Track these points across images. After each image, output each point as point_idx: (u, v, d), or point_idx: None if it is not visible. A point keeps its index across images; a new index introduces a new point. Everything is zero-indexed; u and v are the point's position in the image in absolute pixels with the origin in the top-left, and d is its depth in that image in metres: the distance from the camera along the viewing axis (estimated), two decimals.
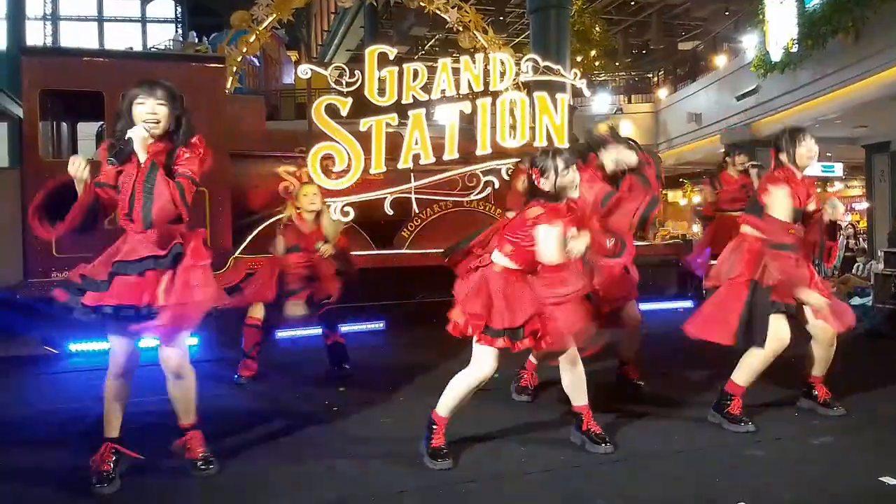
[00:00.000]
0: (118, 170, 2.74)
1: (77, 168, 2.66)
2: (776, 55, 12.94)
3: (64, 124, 6.80)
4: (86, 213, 2.74)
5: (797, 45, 12.29)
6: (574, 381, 3.17)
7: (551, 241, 2.85)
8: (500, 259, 3.02)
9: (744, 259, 3.43)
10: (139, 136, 2.69)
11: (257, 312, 4.64)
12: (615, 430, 3.43)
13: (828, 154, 15.95)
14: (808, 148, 3.44)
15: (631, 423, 3.55)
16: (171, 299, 2.69)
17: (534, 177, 2.99)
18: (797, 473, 2.88)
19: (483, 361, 3.00)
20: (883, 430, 3.40)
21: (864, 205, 15.83)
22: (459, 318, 2.98)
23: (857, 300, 7.00)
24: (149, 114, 2.72)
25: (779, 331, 3.36)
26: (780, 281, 3.30)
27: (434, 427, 3.03)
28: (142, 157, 2.69)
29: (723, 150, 12.59)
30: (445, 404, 3.05)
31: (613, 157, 3.75)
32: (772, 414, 3.59)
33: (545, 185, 2.96)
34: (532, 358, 4.01)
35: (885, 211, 14.17)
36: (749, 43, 15.62)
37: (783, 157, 3.48)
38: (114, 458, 2.81)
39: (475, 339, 2.98)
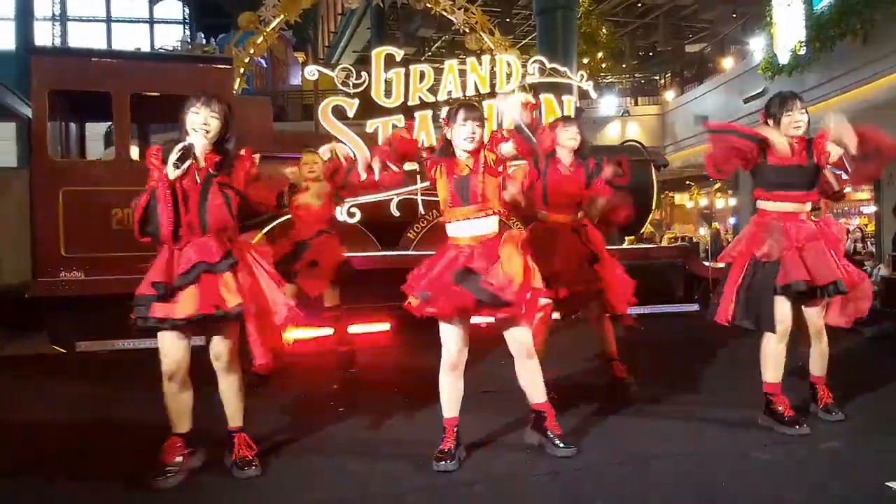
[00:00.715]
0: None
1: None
2: (783, 58, 12.91)
3: (72, 124, 6.83)
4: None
5: (805, 48, 12.26)
6: (527, 377, 3.11)
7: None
8: None
9: (749, 233, 3.44)
10: (200, 143, 2.80)
11: None
12: (618, 432, 3.42)
13: None
14: (793, 119, 3.35)
15: (634, 425, 3.54)
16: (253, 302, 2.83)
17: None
18: (802, 478, 2.87)
19: (443, 340, 3.04)
20: (890, 436, 3.37)
21: (873, 208, 15.75)
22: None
23: None
24: (201, 124, 2.82)
25: (778, 312, 3.33)
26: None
27: (444, 429, 3.05)
28: (201, 163, 2.80)
29: None
30: (441, 403, 3.07)
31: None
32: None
33: (447, 133, 3.04)
34: None
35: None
36: (756, 45, 15.59)
37: (770, 121, 3.44)
38: (185, 451, 2.88)
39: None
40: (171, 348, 2.82)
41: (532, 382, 3.11)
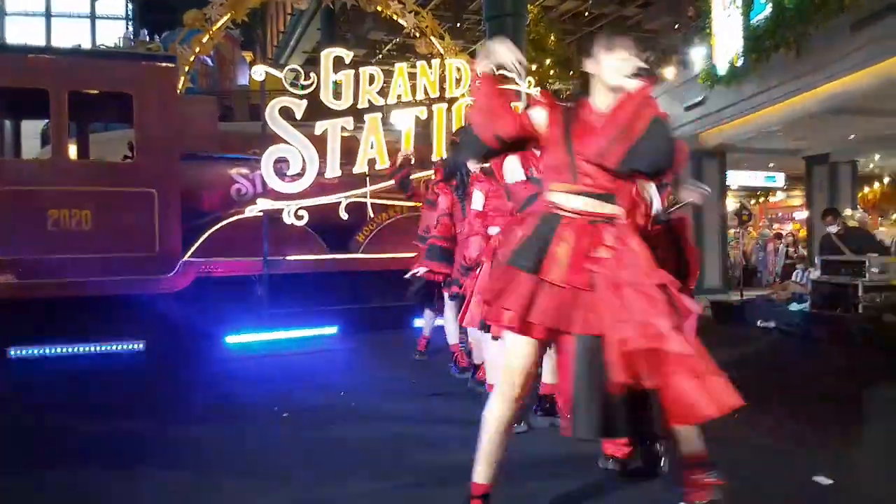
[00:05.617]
0: None
1: None
2: (722, 68, 13.35)
3: (7, 122, 6.59)
4: None
5: (742, 59, 12.70)
6: None
7: None
8: None
9: None
10: None
11: None
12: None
13: (770, 164, 16.53)
14: (617, 60, 2.49)
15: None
16: None
17: None
18: (734, 474, 2.97)
19: None
20: (819, 432, 3.54)
21: (805, 214, 16.42)
22: None
23: (795, 305, 7.28)
24: None
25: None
26: None
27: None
28: None
29: None
30: None
31: None
32: None
33: None
34: None
35: None
36: (697, 55, 16.06)
37: (590, 65, 2.58)
38: None
39: None
40: None
41: None
